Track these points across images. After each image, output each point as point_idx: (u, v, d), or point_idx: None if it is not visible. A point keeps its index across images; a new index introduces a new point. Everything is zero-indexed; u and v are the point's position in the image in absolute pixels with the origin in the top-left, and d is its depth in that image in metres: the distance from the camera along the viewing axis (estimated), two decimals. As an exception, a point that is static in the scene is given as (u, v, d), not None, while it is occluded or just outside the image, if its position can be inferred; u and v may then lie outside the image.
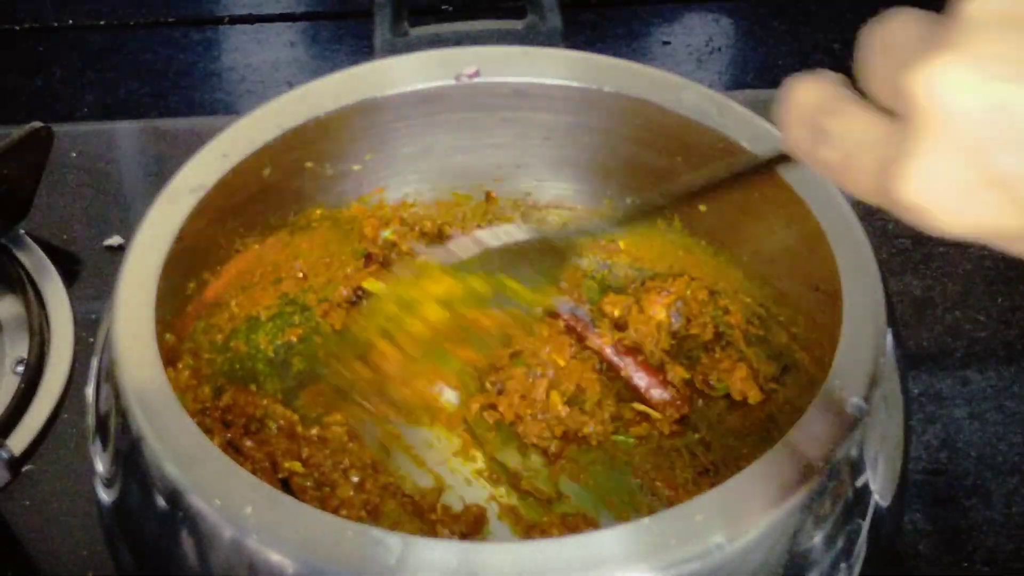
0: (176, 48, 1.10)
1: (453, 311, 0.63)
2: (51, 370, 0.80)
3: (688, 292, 0.76)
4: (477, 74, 0.72)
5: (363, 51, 1.03)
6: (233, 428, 0.70)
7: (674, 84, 0.71)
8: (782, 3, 1.11)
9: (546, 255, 0.63)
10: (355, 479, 0.70)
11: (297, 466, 0.69)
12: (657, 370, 0.75)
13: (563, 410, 0.74)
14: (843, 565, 0.57)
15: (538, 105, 0.73)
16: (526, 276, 0.63)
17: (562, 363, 0.75)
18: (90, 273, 0.88)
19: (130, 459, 0.57)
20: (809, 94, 0.43)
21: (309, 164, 0.73)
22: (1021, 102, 0.37)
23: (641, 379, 0.74)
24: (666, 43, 1.09)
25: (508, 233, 0.62)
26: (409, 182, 0.77)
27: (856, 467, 0.56)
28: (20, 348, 0.81)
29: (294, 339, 0.76)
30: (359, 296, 0.77)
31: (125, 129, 1.00)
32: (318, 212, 0.75)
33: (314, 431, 0.71)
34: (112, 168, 0.96)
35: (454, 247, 0.63)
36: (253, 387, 0.73)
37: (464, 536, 0.68)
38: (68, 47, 1.09)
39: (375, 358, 0.64)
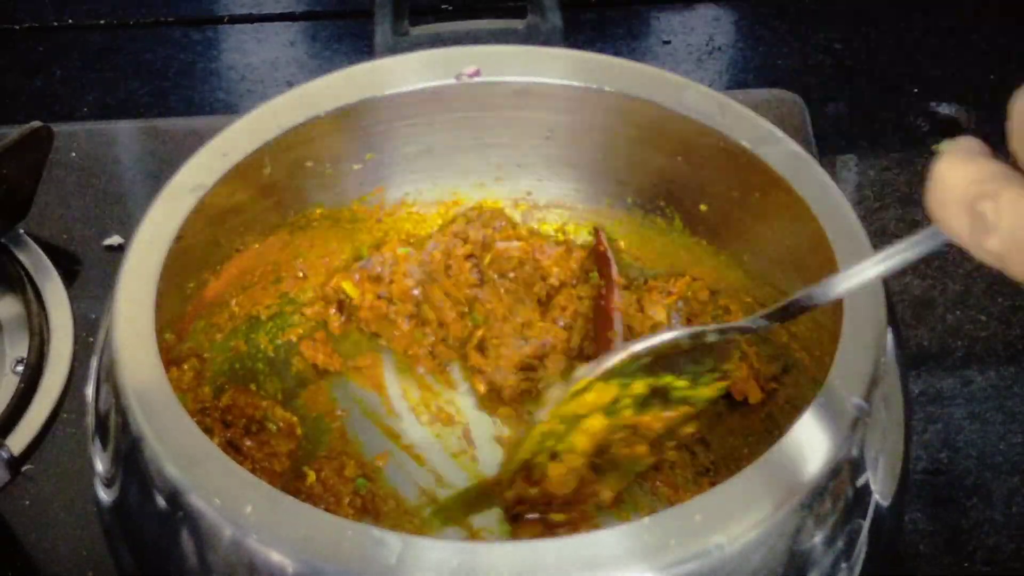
0: (176, 48, 1.09)
1: (617, 417, 0.62)
2: (51, 370, 0.80)
3: (689, 292, 0.76)
4: (477, 74, 0.72)
5: (363, 51, 1.03)
6: (233, 428, 0.70)
7: (675, 84, 0.71)
8: (782, 3, 1.11)
9: (703, 351, 0.61)
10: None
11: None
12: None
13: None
14: (843, 565, 0.57)
15: (538, 104, 0.73)
16: (688, 372, 0.61)
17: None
18: (90, 273, 0.88)
19: (130, 459, 0.57)
20: (962, 176, 0.39)
21: (309, 163, 0.72)
22: None
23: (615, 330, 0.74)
24: (666, 43, 1.09)
25: (658, 337, 0.61)
26: (409, 181, 0.77)
27: (856, 467, 0.56)
28: (20, 348, 0.81)
29: (294, 339, 0.76)
30: (340, 301, 0.76)
31: (125, 129, 1.00)
32: (318, 212, 0.75)
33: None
34: (112, 168, 0.96)
35: (603, 361, 0.61)
36: (253, 387, 0.73)
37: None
38: (68, 47, 1.09)
39: (539, 477, 0.63)
